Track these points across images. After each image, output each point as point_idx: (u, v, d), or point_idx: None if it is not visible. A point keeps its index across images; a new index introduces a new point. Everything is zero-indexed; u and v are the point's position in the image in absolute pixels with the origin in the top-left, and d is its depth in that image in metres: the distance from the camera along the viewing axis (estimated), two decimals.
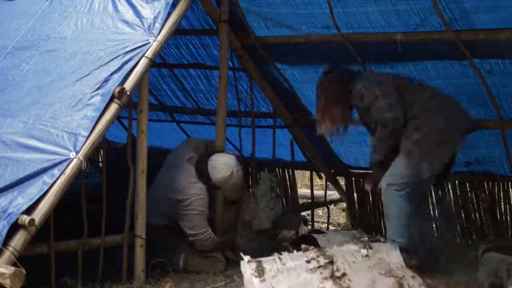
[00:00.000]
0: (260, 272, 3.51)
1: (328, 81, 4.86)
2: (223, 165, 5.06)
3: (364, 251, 3.73)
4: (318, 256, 3.60)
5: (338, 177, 7.13)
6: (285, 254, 3.69)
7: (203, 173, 5.07)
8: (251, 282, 3.49)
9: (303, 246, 3.74)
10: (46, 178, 3.97)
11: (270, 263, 3.58)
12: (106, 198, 4.60)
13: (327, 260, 3.57)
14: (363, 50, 5.40)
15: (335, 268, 3.55)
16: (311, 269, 3.54)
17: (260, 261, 3.58)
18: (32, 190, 3.92)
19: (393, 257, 3.81)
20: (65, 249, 4.39)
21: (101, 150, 7.90)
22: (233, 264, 5.11)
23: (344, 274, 3.53)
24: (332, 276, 3.52)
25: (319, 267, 3.55)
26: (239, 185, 5.21)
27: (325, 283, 3.49)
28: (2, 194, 3.94)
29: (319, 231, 5.75)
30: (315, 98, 5.00)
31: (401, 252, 3.99)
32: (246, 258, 3.60)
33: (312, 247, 3.74)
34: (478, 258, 4.35)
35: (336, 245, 3.94)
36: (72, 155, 4.07)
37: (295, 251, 3.80)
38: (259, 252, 5.06)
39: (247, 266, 3.56)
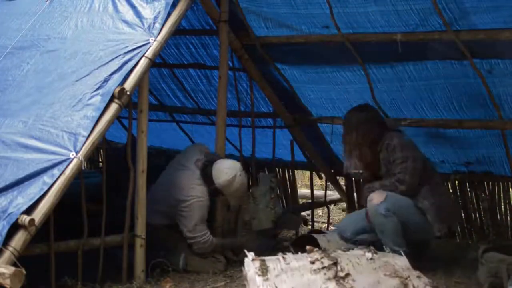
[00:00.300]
0: (263, 270, 3.50)
1: (366, 119, 4.90)
2: (226, 168, 5.08)
3: (369, 254, 3.73)
4: (322, 257, 3.59)
5: (338, 177, 7.13)
6: (289, 254, 3.69)
7: (207, 176, 5.08)
8: (254, 280, 3.49)
9: (308, 247, 3.74)
10: (46, 178, 3.97)
11: (274, 262, 3.57)
12: (106, 198, 4.60)
13: (331, 262, 3.57)
14: (363, 50, 5.40)
15: (339, 269, 3.54)
16: (315, 270, 3.53)
17: (264, 260, 3.57)
18: (32, 190, 3.92)
19: (399, 260, 3.80)
20: (65, 249, 4.39)
21: (101, 150, 7.90)
22: (233, 264, 5.11)
23: (348, 275, 3.52)
24: (335, 277, 3.51)
25: (323, 268, 3.54)
26: (242, 191, 5.20)
27: (328, 283, 3.48)
28: (2, 194, 3.94)
29: (319, 231, 5.76)
30: (345, 127, 5.01)
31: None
32: (250, 256, 3.60)
33: (317, 248, 3.74)
34: (478, 258, 4.35)
35: (337, 246, 3.93)
36: (72, 155, 4.07)
37: (299, 252, 3.79)
38: (259, 252, 5.06)
39: (251, 264, 3.55)
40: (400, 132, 5.01)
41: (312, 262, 3.56)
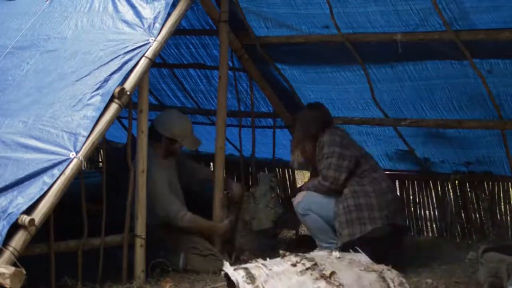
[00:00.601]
0: (251, 278, 3.48)
1: (310, 118, 5.11)
2: (161, 117, 5.28)
3: (336, 253, 3.78)
4: (301, 259, 3.62)
5: None
6: (266, 261, 3.68)
7: (155, 138, 5.10)
8: None
9: (281, 252, 3.78)
10: (46, 178, 3.97)
11: (257, 269, 3.55)
12: (106, 198, 4.60)
13: (312, 262, 3.59)
14: (363, 50, 5.40)
15: (321, 268, 3.56)
16: (300, 271, 3.54)
17: (246, 268, 3.56)
18: (32, 190, 3.92)
19: (361, 256, 3.85)
20: (65, 249, 4.39)
21: (101, 150, 7.89)
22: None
23: (333, 273, 3.54)
24: (322, 276, 3.53)
25: (307, 269, 3.56)
26: (188, 129, 5.29)
27: (319, 283, 3.48)
28: (2, 194, 3.94)
29: None
30: (296, 125, 5.29)
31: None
32: (230, 269, 3.58)
33: (288, 252, 3.76)
34: (478, 258, 4.35)
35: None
36: (72, 155, 4.07)
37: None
38: (259, 251, 5.07)
39: (235, 274, 3.53)
40: (338, 129, 5.14)
41: (294, 265, 3.59)
